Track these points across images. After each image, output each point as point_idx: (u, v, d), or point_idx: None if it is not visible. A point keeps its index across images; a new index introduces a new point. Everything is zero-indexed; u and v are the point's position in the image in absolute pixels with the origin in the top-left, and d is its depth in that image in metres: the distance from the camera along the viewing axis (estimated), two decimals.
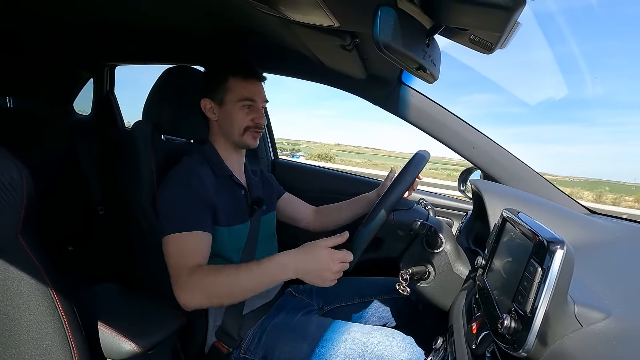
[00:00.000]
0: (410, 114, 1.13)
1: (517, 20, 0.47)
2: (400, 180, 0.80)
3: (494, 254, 0.68)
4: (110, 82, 1.95)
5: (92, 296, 0.82)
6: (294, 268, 0.73)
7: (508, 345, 0.46)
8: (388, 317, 1.07)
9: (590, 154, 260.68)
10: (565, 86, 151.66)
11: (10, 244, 0.54)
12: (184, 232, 0.78)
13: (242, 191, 0.96)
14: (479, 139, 1.11)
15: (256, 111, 0.93)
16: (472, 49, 0.58)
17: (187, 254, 0.76)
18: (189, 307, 0.74)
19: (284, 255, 0.74)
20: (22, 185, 0.54)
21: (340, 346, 0.83)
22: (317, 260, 0.72)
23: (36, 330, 0.55)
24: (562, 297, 0.45)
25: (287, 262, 0.73)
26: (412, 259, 0.90)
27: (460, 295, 0.82)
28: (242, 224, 0.92)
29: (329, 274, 0.72)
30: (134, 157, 0.88)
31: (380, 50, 0.52)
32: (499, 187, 1.01)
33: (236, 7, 0.83)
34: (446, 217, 1.37)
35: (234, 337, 0.88)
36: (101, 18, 1.13)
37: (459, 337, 0.68)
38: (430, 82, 0.69)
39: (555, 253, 0.44)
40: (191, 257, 0.76)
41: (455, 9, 0.50)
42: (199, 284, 0.73)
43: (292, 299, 1.06)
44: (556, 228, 0.50)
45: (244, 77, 0.91)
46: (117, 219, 1.65)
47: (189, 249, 0.77)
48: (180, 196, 0.81)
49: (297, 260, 0.73)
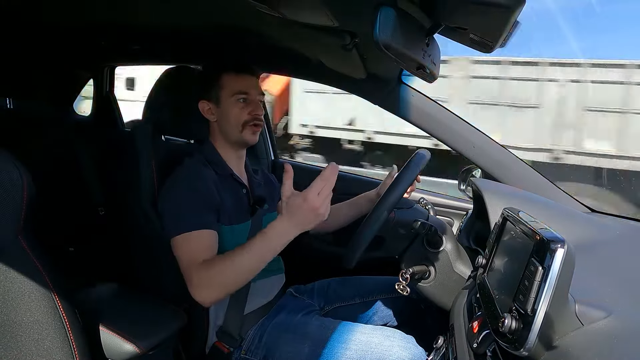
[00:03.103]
0: (410, 113, 1.13)
1: (517, 19, 0.47)
2: (401, 180, 0.80)
3: (494, 253, 0.68)
4: (110, 83, 1.95)
5: (93, 297, 0.82)
6: (292, 229, 0.72)
7: (509, 345, 0.46)
8: (389, 317, 1.07)
9: None
10: None
11: (10, 244, 0.55)
12: (191, 231, 0.79)
13: (244, 190, 0.97)
14: (479, 138, 1.11)
15: (252, 104, 0.93)
16: (472, 48, 0.58)
17: (195, 253, 0.77)
18: (207, 303, 0.76)
19: (278, 224, 0.73)
20: (23, 186, 0.54)
21: (341, 346, 0.83)
22: (301, 210, 0.70)
23: (37, 331, 0.55)
24: (562, 296, 0.44)
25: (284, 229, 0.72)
26: (412, 258, 0.90)
27: (461, 295, 0.82)
28: (244, 222, 0.92)
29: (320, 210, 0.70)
30: (134, 158, 0.88)
31: (380, 49, 0.52)
32: (499, 186, 1.01)
33: (236, 7, 0.83)
34: (446, 216, 1.37)
35: (234, 337, 0.88)
36: (101, 18, 1.13)
37: (460, 336, 0.68)
38: (430, 81, 0.69)
39: (556, 252, 0.44)
40: (199, 255, 0.77)
41: (455, 8, 0.50)
42: (207, 277, 0.74)
43: (293, 299, 1.06)
44: (557, 227, 0.50)
45: (236, 72, 0.92)
46: (117, 220, 1.65)
47: (197, 248, 0.78)
48: (186, 198, 0.81)
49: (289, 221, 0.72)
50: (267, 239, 0.73)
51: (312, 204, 0.69)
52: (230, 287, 0.76)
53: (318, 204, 0.69)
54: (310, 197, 0.69)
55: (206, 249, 0.79)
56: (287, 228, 0.72)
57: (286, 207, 0.72)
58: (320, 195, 0.69)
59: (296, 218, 0.71)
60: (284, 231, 0.73)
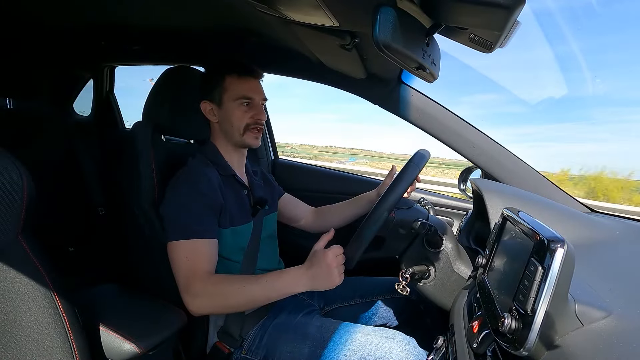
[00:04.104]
0: (410, 113, 1.13)
1: (517, 19, 0.47)
2: (401, 180, 0.80)
3: (494, 253, 0.68)
4: (110, 83, 1.95)
5: (93, 297, 0.82)
6: (305, 280, 0.75)
7: (509, 344, 0.46)
8: (389, 317, 1.07)
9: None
10: (564, 85, 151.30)
11: (10, 245, 0.55)
12: (193, 239, 0.79)
13: (245, 191, 0.96)
14: (479, 138, 1.11)
15: (255, 108, 0.93)
16: (472, 48, 0.58)
17: (198, 262, 0.77)
18: (198, 314, 0.77)
19: (295, 270, 0.77)
20: (23, 186, 0.54)
21: (341, 347, 0.83)
22: (320, 265, 0.74)
23: (37, 331, 0.55)
24: (562, 296, 0.44)
25: (298, 276, 0.76)
26: (412, 258, 0.90)
27: (461, 295, 0.82)
28: (246, 224, 0.92)
29: (333, 271, 0.74)
30: (134, 158, 0.88)
31: (380, 49, 0.52)
32: (499, 186, 1.01)
33: (236, 7, 0.83)
34: (446, 216, 1.37)
35: (235, 338, 0.88)
36: (101, 18, 1.13)
37: (460, 336, 0.68)
38: (430, 81, 0.69)
39: (556, 252, 0.44)
40: (201, 264, 0.77)
41: (455, 8, 0.50)
42: (210, 293, 0.75)
43: (294, 299, 1.06)
44: (557, 227, 0.50)
45: (239, 75, 0.92)
46: (117, 220, 1.65)
47: (199, 257, 0.78)
48: (189, 202, 0.81)
49: (307, 271, 0.75)
50: (281, 278, 0.76)
51: (329, 261, 0.73)
52: (228, 309, 0.80)
53: (334, 264, 0.73)
54: (330, 254, 0.74)
55: (207, 259, 0.79)
56: (301, 275, 0.75)
57: (310, 257, 0.77)
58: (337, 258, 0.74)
59: (313, 270, 0.74)
60: (298, 277, 0.76)
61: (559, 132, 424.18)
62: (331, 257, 0.74)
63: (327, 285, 0.74)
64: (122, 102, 1.99)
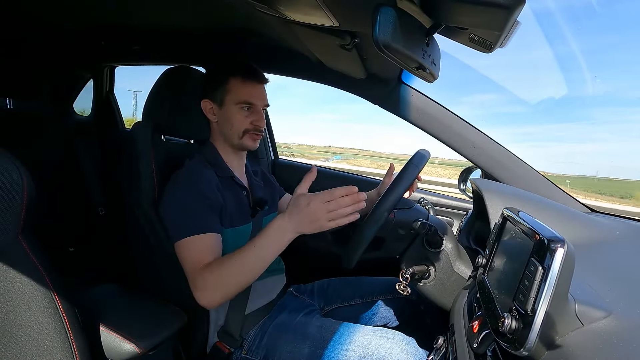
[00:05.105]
0: (410, 113, 1.13)
1: (517, 19, 0.47)
2: (401, 180, 0.80)
3: (494, 253, 0.68)
4: (110, 83, 1.95)
5: (93, 297, 0.82)
6: (290, 227, 0.71)
7: (509, 344, 0.46)
8: (389, 317, 1.07)
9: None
10: (564, 85, 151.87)
11: (10, 245, 0.55)
12: (195, 235, 0.78)
13: (244, 192, 0.96)
14: (479, 138, 1.11)
15: (256, 113, 0.92)
16: (472, 48, 0.58)
17: (200, 256, 0.77)
18: (211, 306, 0.75)
19: (277, 220, 0.72)
20: (23, 186, 0.54)
21: (341, 347, 0.83)
22: (301, 210, 0.69)
23: (37, 331, 0.55)
24: (562, 296, 0.44)
25: (282, 225, 0.71)
26: (412, 258, 0.90)
27: (461, 295, 0.82)
28: (245, 224, 0.92)
29: (319, 217, 0.69)
30: (134, 158, 0.88)
31: (380, 49, 0.52)
32: (499, 186, 1.01)
33: (236, 7, 0.83)
34: (446, 216, 1.37)
35: (235, 337, 0.88)
36: (101, 19, 1.13)
37: (460, 336, 0.68)
38: (430, 81, 0.69)
39: (556, 252, 0.44)
40: (203, 258, 0.76)
41: (455, 8, 0.50)
42: (211, 282, 0.73)
43: (294, 299, 1.06)
44: (557, 227, 0.50)
45: (243, 78, 0.91)
46: (117, 220, 1.65)
47: (201, 251, 0.77)
48: (189, 201, 0.81)
49: (289, 218, 0.71)
50: (266, 235, 0.72)
51: (313, 210, 0.68)
52: (232, 289, 0.75)
53: (319, 214, 0.68)
54: (313, 202, 0.68)
55: (210, 253, 0.78)
56: (284, 225, 0.71)
57: (291, 204, 0.72)
58: (324, 205, 0.68)
59: (294, 217, 0.70)
60: (281, 228, 0.71)
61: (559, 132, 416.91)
62: (315, 206, 0.68)
63: (315, 228, 0.70)
64: None
